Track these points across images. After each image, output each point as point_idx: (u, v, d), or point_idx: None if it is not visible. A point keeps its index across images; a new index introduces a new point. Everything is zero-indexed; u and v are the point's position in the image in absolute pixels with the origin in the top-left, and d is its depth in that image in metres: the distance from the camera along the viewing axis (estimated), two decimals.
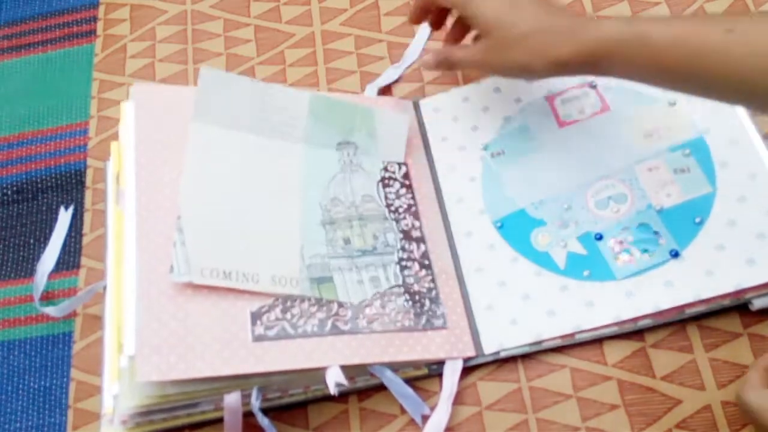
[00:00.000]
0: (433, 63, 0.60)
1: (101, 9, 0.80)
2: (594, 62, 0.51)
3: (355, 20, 0.75)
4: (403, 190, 0.63)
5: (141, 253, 0.54)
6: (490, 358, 0.58)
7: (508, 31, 0.53)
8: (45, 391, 0.64)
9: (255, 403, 0.53)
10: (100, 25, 0.79)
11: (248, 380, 0.53)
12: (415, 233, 0.61)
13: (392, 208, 0.62)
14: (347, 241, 0.59)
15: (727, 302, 0.56)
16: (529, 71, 0.53)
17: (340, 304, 0.57)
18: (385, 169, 0.63)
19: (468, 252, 0.62)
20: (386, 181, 0.63)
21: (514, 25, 0.53)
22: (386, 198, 0.62)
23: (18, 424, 0.63)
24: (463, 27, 0.62)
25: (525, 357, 0.58)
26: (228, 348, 0.52)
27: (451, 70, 0.64)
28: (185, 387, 0.51)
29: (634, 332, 0.57)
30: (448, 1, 0.57)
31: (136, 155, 0.57)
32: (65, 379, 0.64)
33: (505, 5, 0.54)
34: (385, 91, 0.71)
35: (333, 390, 0.53)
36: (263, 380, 0.53)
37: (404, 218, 0.62)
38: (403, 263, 0.60)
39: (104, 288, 0.62)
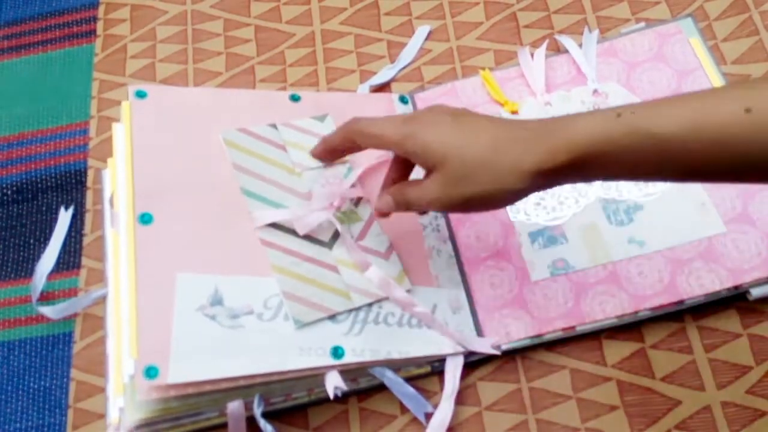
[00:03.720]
0: (386, 207, 0.53)
1: (101, 9, 0.80)
2: (581, 166, 0.43)
3: (354, 19, 0.75)
4: None
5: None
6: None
7: (462, 159, 0.45)
8: (45, 391, 0.64)
9: (257, 411, 0.53)
10: (100, 25, 0.79)
11: (250, 389, 0.52)
12: None
13: None
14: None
15: (725, 293, 0.57)
16: (501, 196, 0.45)
17: None
18: None
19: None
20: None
21: (468, 149, 0.45)
22: None
23: (18, 424, 0.63)
24: (404, 164, 0.54)
25: (525, 357, 0.58)
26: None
27: (408, 211, 0.53)
28: (188, 399, 0.50)
29: (633, 333, 0.57)
30: (380, 144, 0.50)
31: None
32: (65, 379, 0.64)
33: (450, 130, 0.46)
34: (384, 90, 0.71)
35: (332, 394, 0.53)
36: (265, 388, 0.53)
37: None
38: None
39: (103, 297, 0.62)
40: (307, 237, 0.58)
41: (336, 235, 0.58)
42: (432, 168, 0.47)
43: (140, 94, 0.61)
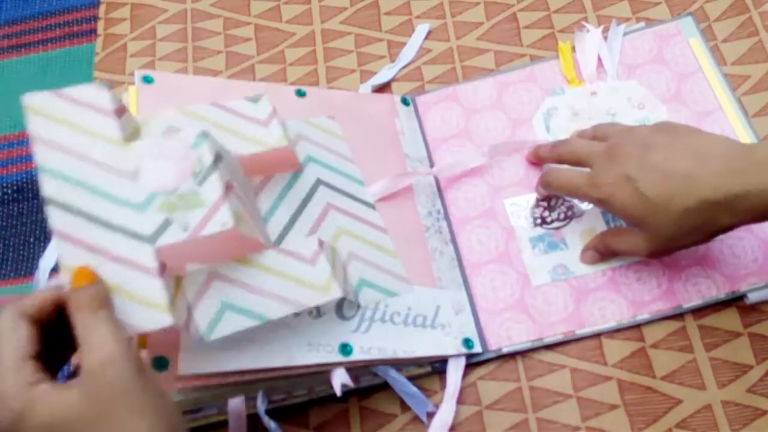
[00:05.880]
0: (592, 261, 0.59)
1: (102, 8, 0.80)
2: None
3: (355, 19, 0.75)
4: None
5: None
6: (493, 355, 0.58)
7: (661, 223, 0.51)
8: None
9: (261, 407, 0.53)
10: (100, 24, 0.79)
11: (253, 385, 0.52)
12: None
13: None
14: None
15: (722, 296, 0.57)
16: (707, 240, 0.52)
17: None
18: None
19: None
20: None
21: (665, 214, 0.50)
22: None
23: None
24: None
25: (525, 357, 0.58)
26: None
27: (611, 258, 0.59)
28: (189, 394, 0.49)
29: (633, 332, 0.58)
30: (586, 197, 0.56)
31: None
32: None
33: (644, 191, 0.51)
34: (384, 89, 0.71)
35: (339, 391, 0.52)
36: (267, 384, 0.53)
37: None
38: None
39: None
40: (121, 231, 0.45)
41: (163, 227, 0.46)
42: (635, 225, 0.53)
43: (147, 80, 0.59)
